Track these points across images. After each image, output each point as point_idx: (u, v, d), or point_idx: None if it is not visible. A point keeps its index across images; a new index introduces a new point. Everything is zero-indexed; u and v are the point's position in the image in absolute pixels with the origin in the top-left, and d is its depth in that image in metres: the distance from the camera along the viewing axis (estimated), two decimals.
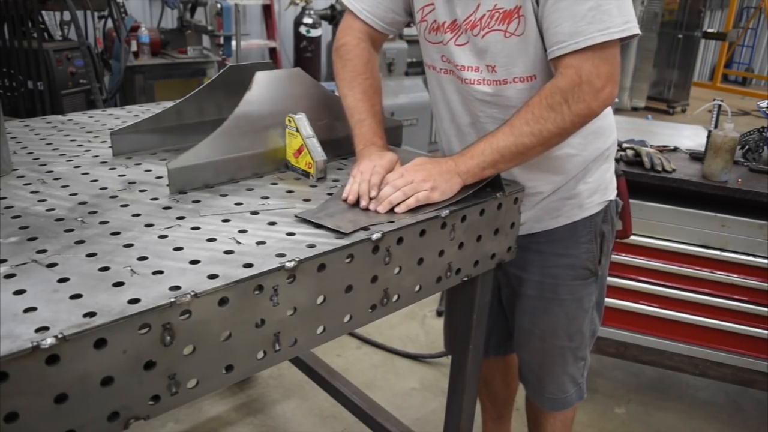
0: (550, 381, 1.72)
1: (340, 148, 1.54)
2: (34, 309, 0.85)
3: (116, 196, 1.26)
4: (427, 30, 1.47)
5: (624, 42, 1.27)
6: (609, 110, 1.53)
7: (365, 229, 1.15)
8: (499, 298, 1.78)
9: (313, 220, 1.17)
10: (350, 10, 1.53)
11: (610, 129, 1.54)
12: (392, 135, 1.61)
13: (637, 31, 1.26)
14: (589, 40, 1.22)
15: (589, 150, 1.49)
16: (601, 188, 1.55)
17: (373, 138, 1.43)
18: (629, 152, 2.31)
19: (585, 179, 1.52)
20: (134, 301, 0.87)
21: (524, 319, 1.66)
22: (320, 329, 1.11)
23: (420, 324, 3.15)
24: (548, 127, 1.27)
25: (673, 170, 2.24)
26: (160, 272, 0.96)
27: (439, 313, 3.23)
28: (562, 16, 1.24)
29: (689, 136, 2.71)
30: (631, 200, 2.03)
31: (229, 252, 1.04)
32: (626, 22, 1.24)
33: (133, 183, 1.34)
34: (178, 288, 0.91)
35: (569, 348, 1.66)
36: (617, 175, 1.64)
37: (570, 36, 1.24)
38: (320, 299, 1.09)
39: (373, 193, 1.26)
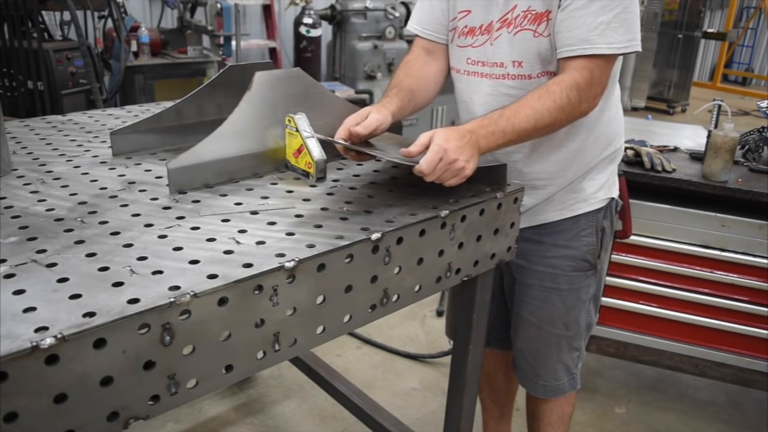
0: (544, 368, 1.75)
1: None
2: (33, 309, 0.85)
3: (116, 196, 1.26)
4: (457, 35, 1.57)
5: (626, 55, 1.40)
6: (621, 114, 1.63)
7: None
8: (501, 287, 1.81)
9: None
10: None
11: (621, 132, 1.63)
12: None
13: (638, 48, 1.39)
14: (596, 50, 1.35)
15: (600, 149, 1.57)
16: (606, 186, 1.62)
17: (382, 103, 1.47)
18: (629, 152, 2.31)
19: (592, 176, 1.59)
20: (134, 301, 0.87)
21: (523, 308, 1.70)
22: (320, 329, 1.11)
23: (420, 324, 3.15)
24: (561, 118, 1.36)
25: (673, 170, 2.24)
26: (160, 272, 0.96)
27: (439, 313, 3.23)
28: (576, 23, 1.36)
29: (689, 136, 2.72)
30: (631, 200, 2.04)
31: (228, 252, 1.04)
32: (630, 40, 1.37)
33: (133, 183, 1.34)
34: (177, 288, 0.91)
35: (565, 337, 1.70)
36: (618, 176, 1.69)
37: (581, 42, 1.36)
38: (320, 299, 1.09)
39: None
